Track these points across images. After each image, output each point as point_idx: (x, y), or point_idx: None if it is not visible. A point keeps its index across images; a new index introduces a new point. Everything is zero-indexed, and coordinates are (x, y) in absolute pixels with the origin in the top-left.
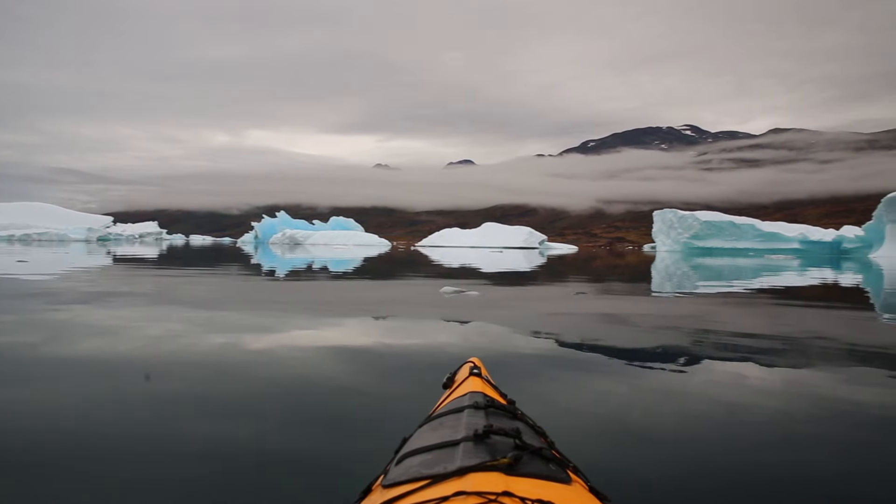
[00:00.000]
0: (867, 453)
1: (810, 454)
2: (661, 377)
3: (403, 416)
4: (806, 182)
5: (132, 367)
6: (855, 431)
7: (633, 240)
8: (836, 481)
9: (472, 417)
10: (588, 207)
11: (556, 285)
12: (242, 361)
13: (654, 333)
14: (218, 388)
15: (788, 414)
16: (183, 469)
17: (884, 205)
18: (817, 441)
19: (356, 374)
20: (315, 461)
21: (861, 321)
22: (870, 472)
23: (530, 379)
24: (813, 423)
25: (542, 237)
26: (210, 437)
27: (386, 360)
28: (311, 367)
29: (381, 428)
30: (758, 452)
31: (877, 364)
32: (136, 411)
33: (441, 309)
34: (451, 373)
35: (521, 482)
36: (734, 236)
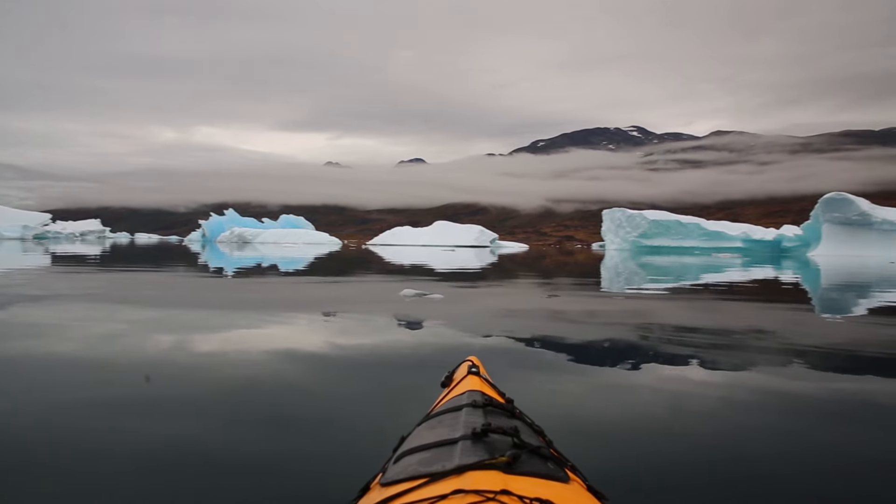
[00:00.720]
0: (805, 442)
1: (767, 447)
2: (614, 374)
3: (352, 416)
4: (746, 183)
5: (72, 369)
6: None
7: (581, 238)
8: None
9: (470, 416)
10: (538, 206)
11: (516, 284)
12: (190, 362)
13: (607, 329)
14: (163, 390)
15: (732, 405)
16: (125, 474)
17: (821, 205)
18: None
19: (305, 375)
20: (261, 463)
21: (799, 317)
22: (806, 458)
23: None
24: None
25: (494, 236)
26: (154, 440)
27: (337, 361)
28: (260, 367)
29: (329, 428)
30: (708, 442)
31: (811, 357)
32: (76, 415)
33: (396, 309)
34: (449, 371)
35: (519, 481)
36: (680, 235)
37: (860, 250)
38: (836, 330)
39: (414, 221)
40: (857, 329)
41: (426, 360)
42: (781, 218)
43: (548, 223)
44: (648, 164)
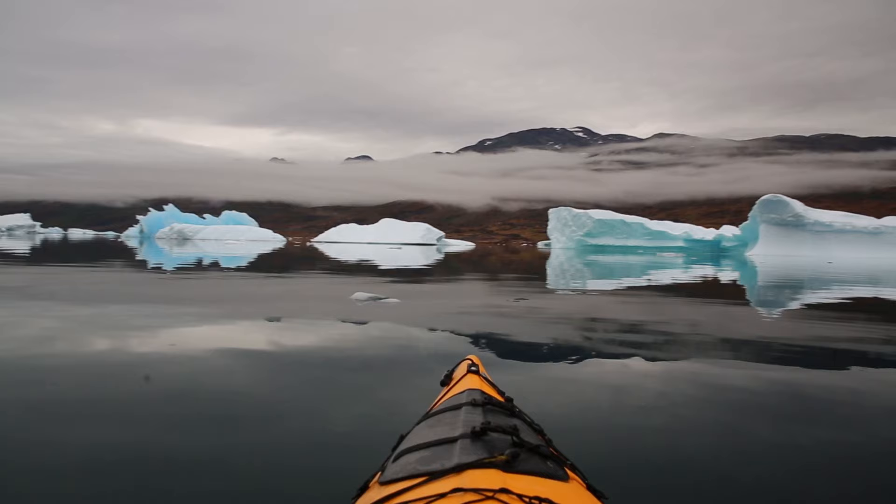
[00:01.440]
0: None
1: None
2: (554, 369)
3: (293, 415)
4: (686, 184)
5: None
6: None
7: (527, 237)
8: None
9: (469, 414)
10: (484, 205)
11: (470, 284)
12: (126, 362)
13: (546, 327)
14: (99, 392)
15: (669, 398)
16: (60, 478)
17: (758, 207)
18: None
19: (247, 375)
20: (202, 465)
21: (737, 313)
22: (742, 449)
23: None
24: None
25: (440, 234)
26: (91, 443)
27: (279, 360)
28: (199, 367)
29: (270, 430)
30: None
31: (747, 352)
32: (5, 418)
33: (348, 313)
34: (449, 370)
35: (518, 479)
36: (625, 234)
37: (794, 250)
38: (772, 325)
39: (360, 219)
40: (790, 324)
41: (329, 359)
42: (720, 218)
43: (494, 221)
44: (593, 165)
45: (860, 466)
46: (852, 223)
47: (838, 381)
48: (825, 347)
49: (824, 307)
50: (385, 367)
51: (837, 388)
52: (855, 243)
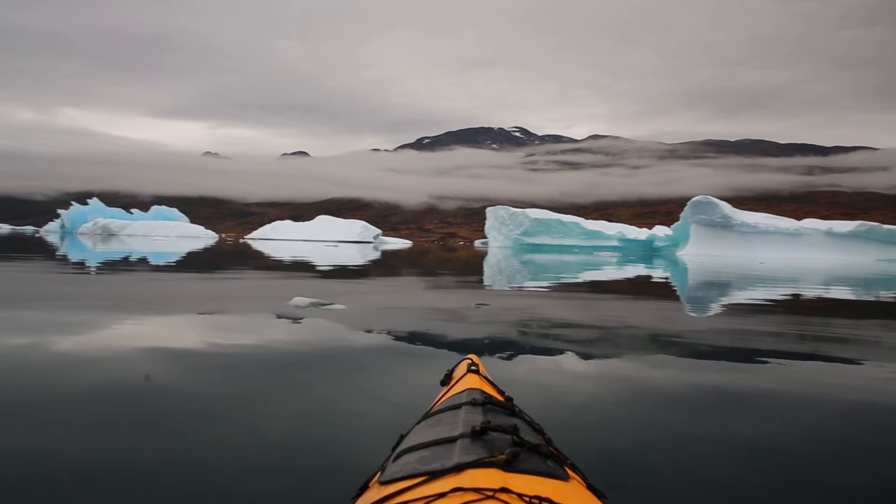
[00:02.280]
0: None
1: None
2: (487, 367)
3: (223, 416)
4: (619, 185)
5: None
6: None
7: (464, 235)
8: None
9: (469, 414)
10: (422, 203)
11: (413, 286)
12: (45, 363)
13: (481, 326)
14: (16, 394)
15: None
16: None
17: (689, 208)
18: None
19: (173, 375)
20: (128, 468)
21: (667, 312)
22: (670, 444)
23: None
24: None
25: (377, 231)
26: (7, 447)
27: (208, 360)
28: (123, 368)
29: (199, 431)
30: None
31: (676, 349)
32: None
33: (277, 322)
34: (448, 370)
35: (518, 479)
36: (561, 233)
37: (723, 250)
38: (702, 323)
39: (296, 216)
40: (717, 323)
41: (261, 359)
42: (651, 219)
43: (431, 220)
44: (530, 165)
45: (778, 455)
46: (775, 225)
47: (770, 376)
48: (749, 346)
49: (751, 306)
50: (333, 376)
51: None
52: (778, 244)
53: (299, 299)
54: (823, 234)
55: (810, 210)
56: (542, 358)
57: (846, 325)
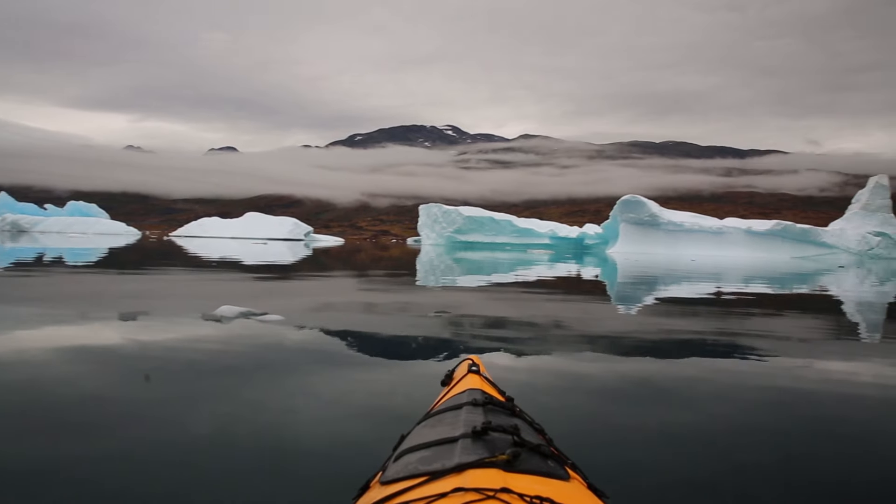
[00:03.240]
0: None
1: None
2: (421, 366)
3: (142, 418)
4: (549, 184)
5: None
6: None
7: (397, 233)
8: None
9: (470, 414)
10: (354, 200)
11: (360, 285)
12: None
13: (414, 323)
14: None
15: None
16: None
17: (618, 206)
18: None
19: (88, 378)
20: (38, 468)
21: (598, 308)
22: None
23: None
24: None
25: (308, 229)
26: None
27: (126, 362)
28: (36, 369)
29: (120, 433)
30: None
31: (604, 344)
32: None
33: (199, 336)
34: (449, 370)
35: (519, 479)
36: (493, 231)
37: (651, 248)
38: (631, 319)
39: (224, 212)
40: (646, 318)
41: (168, 360)
42: (580, 217)
43: (364, 217)
44: (462, 163)
45: (701, 442)
46: (700, 223)
47: (688, 369)
48: (674, 339)
49: (677, 301)
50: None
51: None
52: (702, 242)
53: (227, 308)
54: (743, 232)
55: (729, 210)
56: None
57: (762, 320)
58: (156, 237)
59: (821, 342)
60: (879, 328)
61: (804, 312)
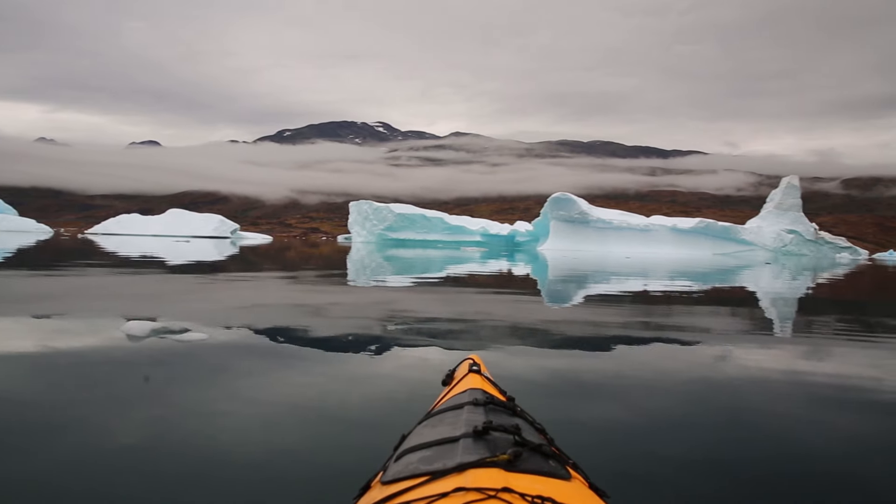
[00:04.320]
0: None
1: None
2: (353, 362)
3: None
4: (480, 182)
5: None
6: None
7: (327, 230)
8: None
9: (471, 414)
10: (283, 197)
11: (292, 287)
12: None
13: (347, 322)
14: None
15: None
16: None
17: (549, 204)
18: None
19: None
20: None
21: (526, 304)
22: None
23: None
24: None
25: (235, 226)
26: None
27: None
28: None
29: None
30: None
31: (534, 338)
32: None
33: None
34: (450, 370)
35: (520, 478)
36: (425, 228)
37: (580, 245)
38: (561, 313)
39: (146, 209)
40: (575, 312)
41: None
42: (511, 215)
43: (293, 214)
44: (392, 160)
45: (624, 432)
46: (627, 221)
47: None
48: (601, 334)
49: (606, 297)
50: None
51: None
52: (630, 239)
53: (133, 325)
54: (669, 230)
55: (654, 208)
56: (406, 350)
57: (684, 313)
58: (70, 235)
59: (768, 334)
60: (791, 320)
61: (738, 307)
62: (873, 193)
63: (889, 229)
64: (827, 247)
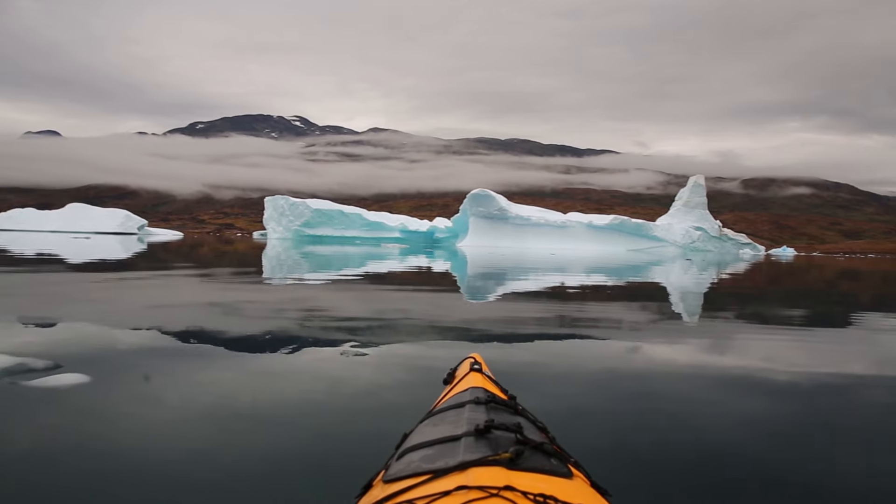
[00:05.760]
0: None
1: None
2: (269, 361)
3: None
4: (398, 178)
5: None
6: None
7: (242, 227)
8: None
9: (473, 413)
10: (195, 192)
11: (210, 292)
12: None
13: (262, 320)
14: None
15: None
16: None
17: (468, 200)
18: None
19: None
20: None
21: (445, 301)
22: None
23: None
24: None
25: (142, 222)
26: None
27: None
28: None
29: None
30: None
31: (450, 334)
32: None
33: None
34: (451, 369)
35: (522, 476)
36: (343, 225)
37: (499, 241)
38: (479, 309)
39: (45, 203)
40: (492, 308)
41: None
42: (429, 211)
43: (206, 210)
44: (309, 155)
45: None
46: (545, 217)
47: (533, 356)
48: (518, 330)
49: (523, 293)
50: None
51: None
52: (548, 235)
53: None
54: (585, 226)
55: (569, 205)
56: (325, 350)
57: (598, 308)
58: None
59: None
60: (698, 312)
61: (650, 301)
62: (769, 193)
63: (783, 227)
64: (730, 243)
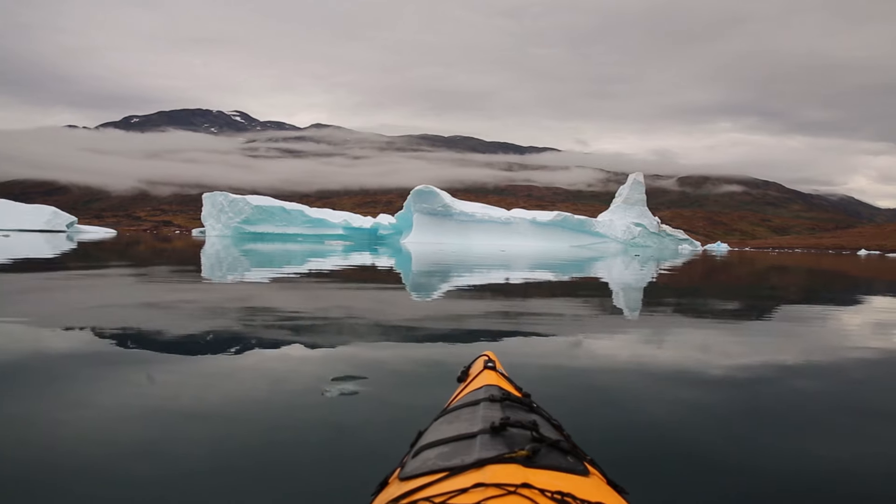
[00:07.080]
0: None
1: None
2: (210, 362)
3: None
4: (341, 174)
5: None
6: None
7: (180, 224)
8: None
9: (488, 410)
10: (131, 188)
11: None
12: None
13: (203, 320)
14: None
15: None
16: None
17: (412, 197)
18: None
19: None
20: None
21: (390, 298)
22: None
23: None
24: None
25: (72, 219)
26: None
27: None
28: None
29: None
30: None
31: (394, 333)
32: None
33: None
34: (465, 366)
35: (539, 474)
36: (285, 221)
37: (443, 237)
38: (423, 307)
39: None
40: (436, 306)
41: None
42: (373, 208)
43: (142, 207)
44: (250, 151)
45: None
46: (489, 214)
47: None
48: (464, 326)
49: (467, 289)
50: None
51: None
52: (492, 232)
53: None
54: (529, 223)
55: (511, 202)
56: (268, 351)
57: (541, 303)
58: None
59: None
60: (638, 306)
61: (575, 297)
62: (703, 191)
63: (716, 223)
64: (668, 239)
